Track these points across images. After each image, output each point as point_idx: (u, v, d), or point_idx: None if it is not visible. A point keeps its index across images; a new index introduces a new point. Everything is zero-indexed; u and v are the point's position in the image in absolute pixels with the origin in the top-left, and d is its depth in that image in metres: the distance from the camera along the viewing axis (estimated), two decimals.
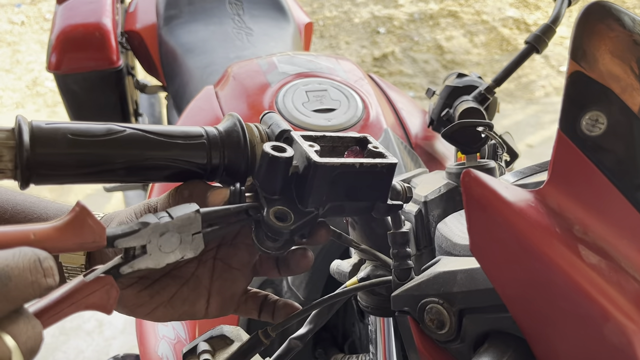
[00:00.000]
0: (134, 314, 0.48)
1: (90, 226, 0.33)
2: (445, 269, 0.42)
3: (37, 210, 0.51)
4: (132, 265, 0.38)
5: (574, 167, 0.36)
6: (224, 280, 0.49)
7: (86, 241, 0.33)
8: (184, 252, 0.40)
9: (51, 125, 0.39)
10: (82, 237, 0.33)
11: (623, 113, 0.35)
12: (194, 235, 0.40)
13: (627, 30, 0.36)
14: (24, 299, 0.29)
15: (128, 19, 1.58)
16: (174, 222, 0.39)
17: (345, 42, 3.46)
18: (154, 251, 0.38)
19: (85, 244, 0.33)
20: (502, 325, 0.39)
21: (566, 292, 0.33)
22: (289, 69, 0.96)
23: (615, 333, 0.32)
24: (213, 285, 0.49)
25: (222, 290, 0.49)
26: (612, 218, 0.36)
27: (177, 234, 0.39)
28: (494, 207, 0.35)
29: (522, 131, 2.80)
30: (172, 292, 0.48)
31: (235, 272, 0.49)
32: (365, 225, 0.52)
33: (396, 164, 0.45)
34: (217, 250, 0.50)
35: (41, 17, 3.64)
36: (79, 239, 0.33)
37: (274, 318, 0.51)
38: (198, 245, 0.40)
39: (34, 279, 0.29)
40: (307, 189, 0.43)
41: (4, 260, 0.28)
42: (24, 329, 0.29)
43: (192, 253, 0.40)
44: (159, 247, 0.38)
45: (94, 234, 0.33)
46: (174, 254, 0.39)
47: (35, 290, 0.29)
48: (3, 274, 0.28)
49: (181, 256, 0.40)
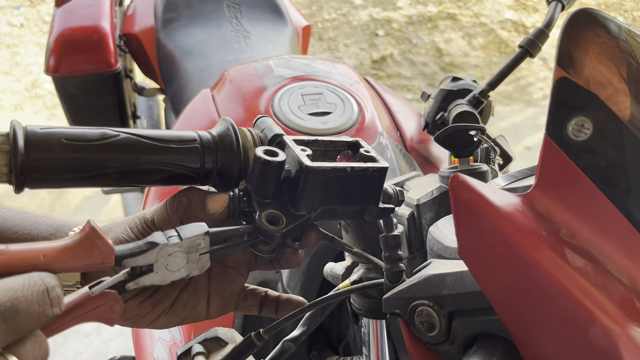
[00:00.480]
0: (138, 325, 0.48)
1: (100, 248, 0.34)
2: (435, 272, 0.42)
3: (27, 225, 0.51)
4: (137, 282, 0.38)
5: (560, 172, 0.36)
6: (221, 280, 0.50)
7: (95, 262, 0.34)
8: (190, 271, 0.40)
9: (45, 130, 0.40)
10: (91, 259, 0.34)
11: (608, 119, 0.35)
12: (202, 255, 0.40)
13: (613, 37, 0.36)
14: (30, 329, 0.30)
15: (126, 22, 1.59)
16: (183, 244, 0.39)
17: (344, 45, 3.47)
18: (161, 269, 0.39)
19: (93, 264, 0.34)
20: (491, 327, 0.40)
21: (553, 294, 0.34)
22: (285, 73, 0.96)
23: (600, 335, 0.32)
24: (211, 286, 0.50)
25: (221, 290, 0.50)
26: (598, 222, 0.36)
27: (184, 254, 0.39)
28: (481, 211, 0.35)
29: (520, 133, 2.81)
30: (172, 299, 0.48)
31: (232, 271, 0.50)
32: (358, 228, 0.52)
33: (387, 167, 0.46)
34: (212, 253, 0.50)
35: (40, 20, 3.65)
36: (88, 260, 0.34)
37: (278, 313, 0.52)
38: (204, 264, 0.41)
39: (41, 311, 0.30)
40: (299, 192, 0.43)
41: (13, 293, 0.29)
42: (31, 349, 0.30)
43: (198, 271, 0.41)
44: (166, 265, 0.39)
45: (102, 256, 0.34)
46: (179, 272, 0.40)
47: (42, 320, 0.30)
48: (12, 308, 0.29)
49: (187, 274, 0.40)
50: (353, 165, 0.44)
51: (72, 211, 2.31)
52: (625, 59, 0.36)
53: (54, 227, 0.52)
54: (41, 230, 0.51)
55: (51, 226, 0.52)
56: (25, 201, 2.30)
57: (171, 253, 0.39)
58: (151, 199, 0.91)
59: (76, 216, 2.23)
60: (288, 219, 0.44)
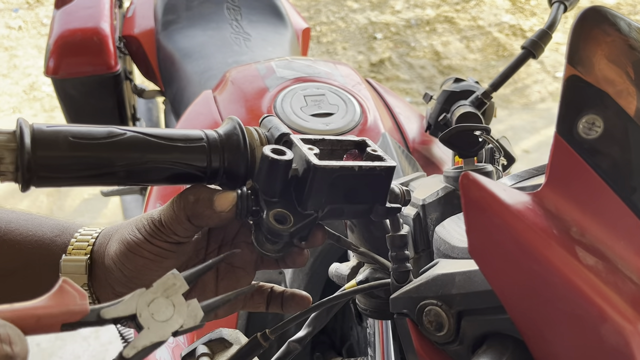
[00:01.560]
0: None
1: (70, 294, 0.32)
2: (443, 271, 0.42)
3: (31, 227, 0.51)
4: (135, 346, 0.35)
5: (571, 170, 0.36)
6: (229, 281, 0.49)
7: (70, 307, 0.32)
8: (183, 319, 0.36)
9: (52, 128, 0.40)
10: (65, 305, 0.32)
11: (619, 116, 0.35)
12: (188, 301, 0.37)
13: (623, 35, 0.36)
14: None
15: (126, 23, 1.58)
16: (156, 289, 0.36)
17: (342, 48, 3.48)
18: (150, 323, 0.35)
19: (69, 311, 0.32)
20: (501, 326, 0.39)
21: (564, 293, 0.33)
22: (287, 74, 0.96)
23: (612, 334, 0.32)
24: (219, 286, 0.49)
25: (228, 289, 0.49)
26: (608, 220, 0.36)
27: (166, 299, 0.36)
28: (492, 209, 0.35)
29: (518, 136, 2.82)
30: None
31: (239, 271, 0.50)
32: (364, 228, 0.52)
33: (395, 166, 0.45)
34: (218, 252, 0.50)
35: (38, 22, 3.64)
36: (62, 306, 0.32)
37: (284, 309, 0.52)
38: (196, 311, 0.37)
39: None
40: (307, 191, 0.43)
41: None
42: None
43: (193, 322, 0.37)
44: (152, 316, 0.35)
45: (74, 300, 0.32)
46: (172, 323, 0.36)
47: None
48: None
49: (181, 324, 0.36)
50: (361, 164, 0.44)
51: (71, 214, 2.30)
52: (636, 56, 0.36)
53: (58, 229, 0.51)
54: (46, 232, 0.51)
55: (56, 227, 0.51)
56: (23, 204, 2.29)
57: (151, 301, 0.36)
58: (153, 201, 0.90)
59: (75, 219, 2.21)
60: (295, 217, 0.43)
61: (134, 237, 0.46)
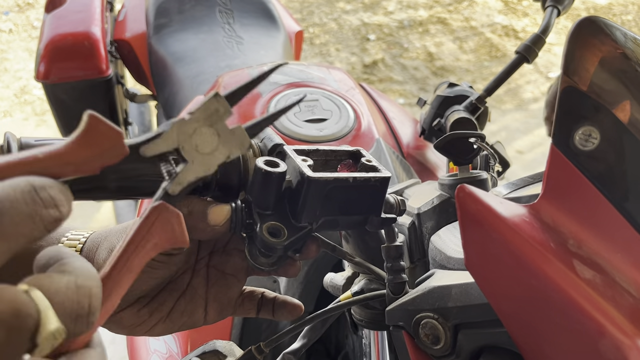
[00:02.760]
0: (134, 333, 0.47)
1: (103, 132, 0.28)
2: (439, 284, 0.42)
3: None
4: (179, 182, 0.32)
5: (567, 182, 0.36)
6: (219, 287, 0.49)
7: (102, 149, 0.28)
8: (230, 150, 0.34)
9: (40, 142, 0.39)
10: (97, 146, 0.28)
11: (616, 128, 0.35)
12: (232, 129, 0.34)
13: (619, 45, 0.36)
14: (26, 235, 0.25)
15: (117, 27, 1.57)
16: (198, 116, 0.33)
17: (335, 49, 3.47)
18: (194, 156, 0.33)
19: (102, 153, 0.29)
20: (498, 340, 0.39)
21: (561, 307, 0.33)
22: (280, 79, 0.95)
23: (610, 348, 0.32)
24: (209, 293, 0.48)
25: (219, 296, 0.49)
26: (606, 232, 0.36)
27: (209, 128, 0.33)
28: (488, 222, 0.35)
29: (511, 137, 2.82)
30: (170, 307, 0.47)
31: (230, 278, 0.49)
32: (359, 238, 0.51)
33: (389, 177, 0.45)
34: (209, 258, 0.49)
35: (29, 25, 3.62)
36: (93, 149, 0.28)
37: (275, 315, 0.51)
38: (242, 138, 0.34)
39: (31, 211, 0.25)
40: (301, 204, 0.42)
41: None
42: (60, 283, 0.25)
43: (238, 149, 0.34)
44: (196, 148, 0.33)
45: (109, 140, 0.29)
46: (218, 154, 0.34)
47: (37, 224, 0.26)
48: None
49: (227, 154, 0.34)
50: (355, 175, 0.43)
51: None
52: (632, 67, 0.35)
53: None
54: None
55: None
56: None
57: (193, 131, 0.33)
58: (146, 205, 0.90)
59: (66, 223, 2.20)
60: (289, 230, 0.43)
61: None
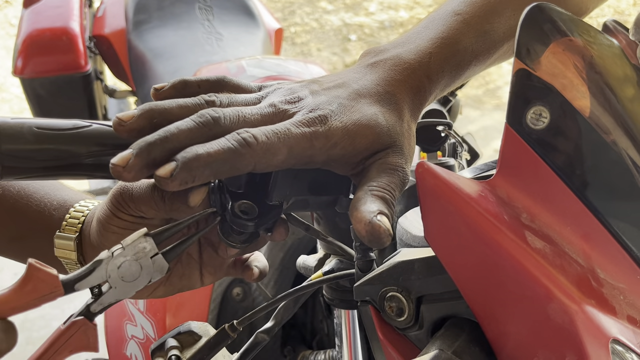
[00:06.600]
0: (137, 297, 0.49)
1: (42, 279, 0.34)
2: (403, 259, 0.43)
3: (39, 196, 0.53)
4: (101, 302, 0.38)
5: (520, 159, 0.38)
6: (211, 252, 0.52)
7: (42, 294, 0.34)
8: (150, 276, 0.40)
9: (17, 120, 0.40)
10: (38, 292, 0.34)
11: (564, 108, 0.37)
12: (153, 258, 0.40)
13: (567, 30, 0.38)
14: None
15: (96, 23, 1.57)
16: (126, 252, 0.38)
17: (317, 49, 3.50)
18: (118, 284, 0.38)
19: (42, 297, 0.34)
20: (458, 310, 0.41)
21: (513, 275, 0.35)
22: (258, 72, 0.97)
23: (559, 312, 0.34)
24: (202, 257, 0.51)
25: (211, 260, 0.52)
26: (556, 206, 0.38)
27: (135, 262, 0.39)
28: (446, 196, 0.37)
29: (490, 136, 2.87)
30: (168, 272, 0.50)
31: (218, 244, 0.52)
32: (329, 220, 0.53)
33: None
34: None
35: (7, 23, 3.57)
36: (34, 294, 0.34)
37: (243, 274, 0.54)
38: (161, 266, 0.40)
39: None
40: (272, 182, 0.44)
41: None
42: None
43: (159, 275, 0.40)
44: (121, 278, 0.38)
45: (48, 286, 0.34)
46: (140, 281, 0.39)
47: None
48: None
49: (148, 281, 0.40)
50: None
51: None
52: (580, 51, 0.38)
53: (58, 201, 0.53)
54: (47, 204, 0.53)
55: (59, 199, 0.53)
56: None
57: (120, 264, 0.38)
58: None
59: None
60: (261, 209, 0.44)
61: (103, 213, 0.47)
